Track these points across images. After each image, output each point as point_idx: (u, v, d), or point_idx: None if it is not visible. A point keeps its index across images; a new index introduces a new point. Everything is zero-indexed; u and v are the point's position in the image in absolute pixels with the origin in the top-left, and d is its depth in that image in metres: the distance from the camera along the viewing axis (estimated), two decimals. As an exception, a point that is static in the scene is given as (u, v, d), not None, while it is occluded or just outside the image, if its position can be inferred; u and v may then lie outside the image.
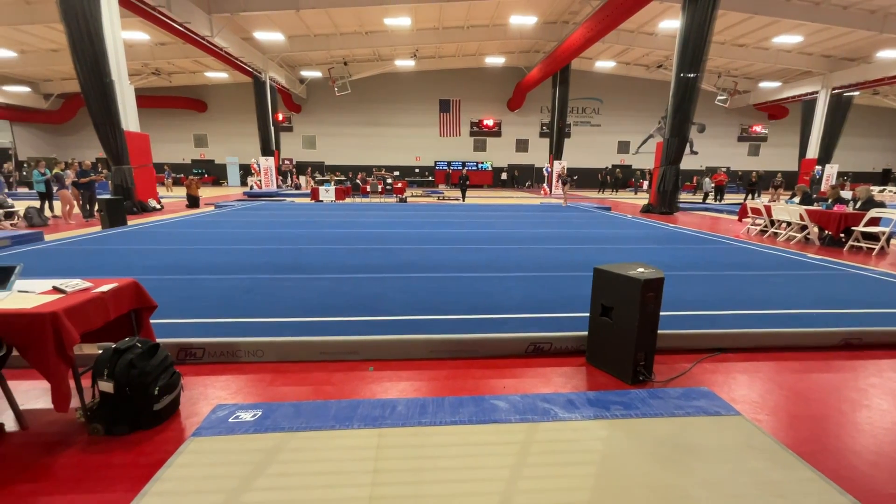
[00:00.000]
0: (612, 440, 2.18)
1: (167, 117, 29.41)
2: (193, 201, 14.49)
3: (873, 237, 7.72)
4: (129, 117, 11.62)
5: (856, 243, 7.72)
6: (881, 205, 7.94)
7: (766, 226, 9.48)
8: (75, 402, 2.27)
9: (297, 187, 25.24)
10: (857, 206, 8.12)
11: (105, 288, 2.43)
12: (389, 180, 20.24)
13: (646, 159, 21.28)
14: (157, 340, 2.62)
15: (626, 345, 2.79)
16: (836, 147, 23.10)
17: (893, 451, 2.18)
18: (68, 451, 2.10)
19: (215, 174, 30.93)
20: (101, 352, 2.30)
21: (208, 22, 15.79)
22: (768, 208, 9.35)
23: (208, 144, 31.05)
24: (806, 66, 22.83)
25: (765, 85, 26.91)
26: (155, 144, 13.88)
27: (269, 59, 22.28)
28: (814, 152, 23.10)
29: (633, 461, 2.03)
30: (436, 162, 31.85)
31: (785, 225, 9.10)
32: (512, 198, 21.61)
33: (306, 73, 27.29)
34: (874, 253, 7.33)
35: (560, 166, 23.29)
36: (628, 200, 20.63)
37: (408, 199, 18.56)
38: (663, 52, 23.30)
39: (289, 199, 18.30)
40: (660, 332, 2.90)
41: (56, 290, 2.33)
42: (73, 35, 10.19)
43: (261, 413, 2.36)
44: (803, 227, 8.46)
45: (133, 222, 9.93)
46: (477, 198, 21.24)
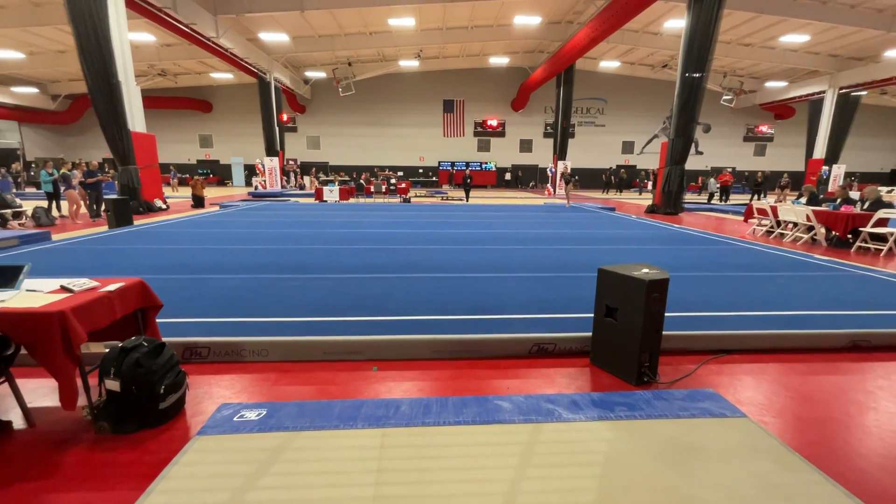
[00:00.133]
0: (617, 441, 2.17)
1: (173, 118, 29.61)
2: (199, 201, 14.58)
3: (881, 238, 7.66)
4: (136, 118, 11.72)
5: (863, 244, 7.66)
6: (889, 205, 7.87)
7: (772, 226, 9.40)
8: (82, 401, 2.28)
9: (302, 187, 25.31)
10: (866, 206, 8.04)
11: (112, 287, 2.45)
12: (393, 180, 20.27)
13: (651, 159, 21.16)
14: (163, 339, 2.63)
15: (631, 346, 2.77)
16: (844, 147, 22.90)
17: (901, 454, 2.15)
18: (75, 449, 2.12)
19: (220, 174, 31.11)
20: (107, 350, 2.31)
21: (214, 23, 15.90)
22: (774, 209, 9.27)
23: (213, 145, 31.24)
24: (813, 66, 22.65)
25: (771, 84, 26.71)
26: (161, 145, 13.97)
27: (273, 60, 22.39)
28: (821, 152, 22.93)
29: (637, 463, 2.02)
30: (439, 162, 31.87)
31: (791, 226, 9.02)
32: (515, 198, 21.59)
33: (311, 74, 27.41)
34: (882, 254, 7.26)
35: (563, 166, 23.21)
36: (633, 201, 20.53)
37: (411, 200, 18.57)
38: (668, 52, 23.20)
39: (293, 200, 18.34)
40: (664, 333, 2.88)
41: (64, 289, 2.36)
42: (80, 36, 10.28)
43: (265, 412, 2.37)
44: (810, 228, 8.39)
45: (139, 222, 10.00)
46: (480, 198, 21.22)
